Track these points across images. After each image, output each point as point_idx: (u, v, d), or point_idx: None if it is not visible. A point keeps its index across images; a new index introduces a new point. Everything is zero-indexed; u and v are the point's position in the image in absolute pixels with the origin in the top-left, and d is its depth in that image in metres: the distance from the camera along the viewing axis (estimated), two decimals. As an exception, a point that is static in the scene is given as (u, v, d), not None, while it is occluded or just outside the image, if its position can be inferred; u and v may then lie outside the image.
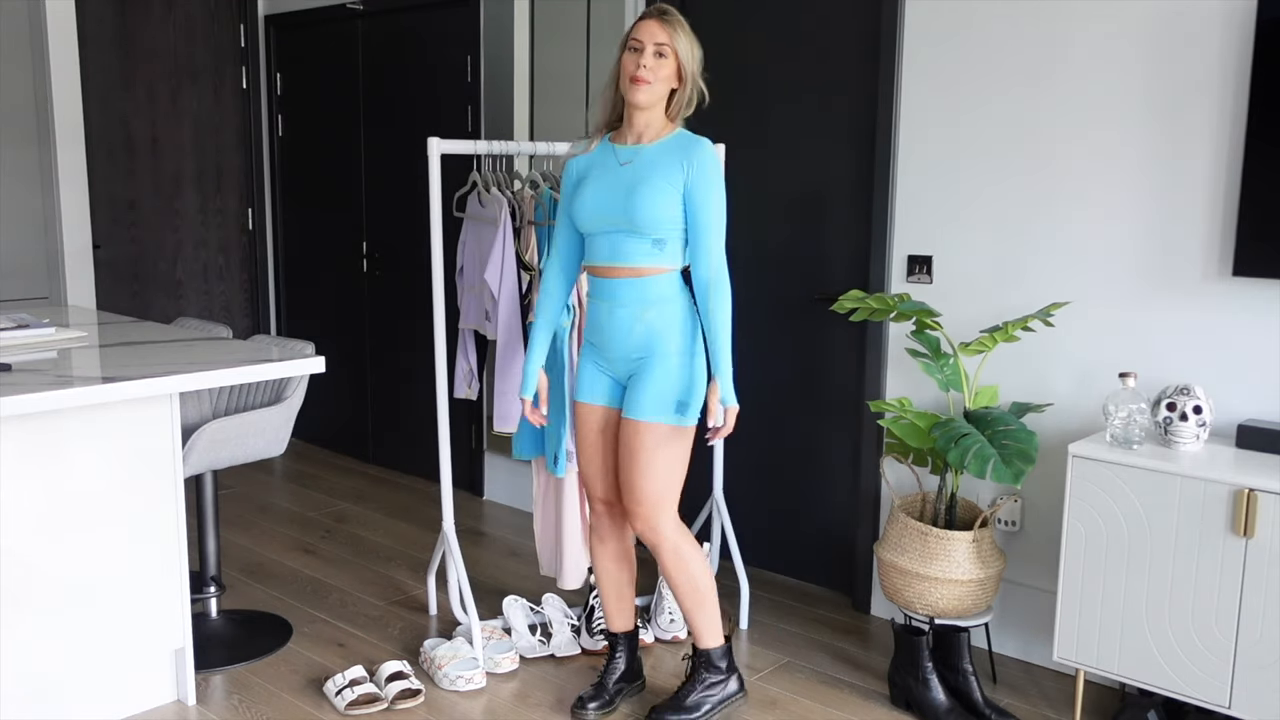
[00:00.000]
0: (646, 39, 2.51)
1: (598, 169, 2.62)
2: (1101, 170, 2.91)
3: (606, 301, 2.62)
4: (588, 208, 2.59)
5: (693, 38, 2.57)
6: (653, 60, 2.50)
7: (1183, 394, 2.63)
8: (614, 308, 2.60)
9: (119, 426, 2.64)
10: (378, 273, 5.14)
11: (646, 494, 2.60)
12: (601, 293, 2.63)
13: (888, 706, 2.91)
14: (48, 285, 4.86)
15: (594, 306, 2.66)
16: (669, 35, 2.51)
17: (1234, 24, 2.66)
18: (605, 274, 2.61)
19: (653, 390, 2.57)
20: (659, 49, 2.50)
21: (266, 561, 3.94)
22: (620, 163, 2.59)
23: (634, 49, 2.52)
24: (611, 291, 2.60)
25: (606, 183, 2.58)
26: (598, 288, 2.64)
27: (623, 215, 2.54)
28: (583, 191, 2.60)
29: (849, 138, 3.46)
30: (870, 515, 3.48)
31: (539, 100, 4.39)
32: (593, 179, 2.61)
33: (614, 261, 2.58)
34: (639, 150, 2.58)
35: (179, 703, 2.87)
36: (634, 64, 2.51)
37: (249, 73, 5.48)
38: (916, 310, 2.95)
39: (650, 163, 2.55)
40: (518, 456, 3.31)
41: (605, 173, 2.59)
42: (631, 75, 2.50)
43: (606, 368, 2.68)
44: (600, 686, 2.84)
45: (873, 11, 3.33)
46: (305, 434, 5.50)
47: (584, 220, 2.60)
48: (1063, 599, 2.70)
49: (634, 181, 2.54)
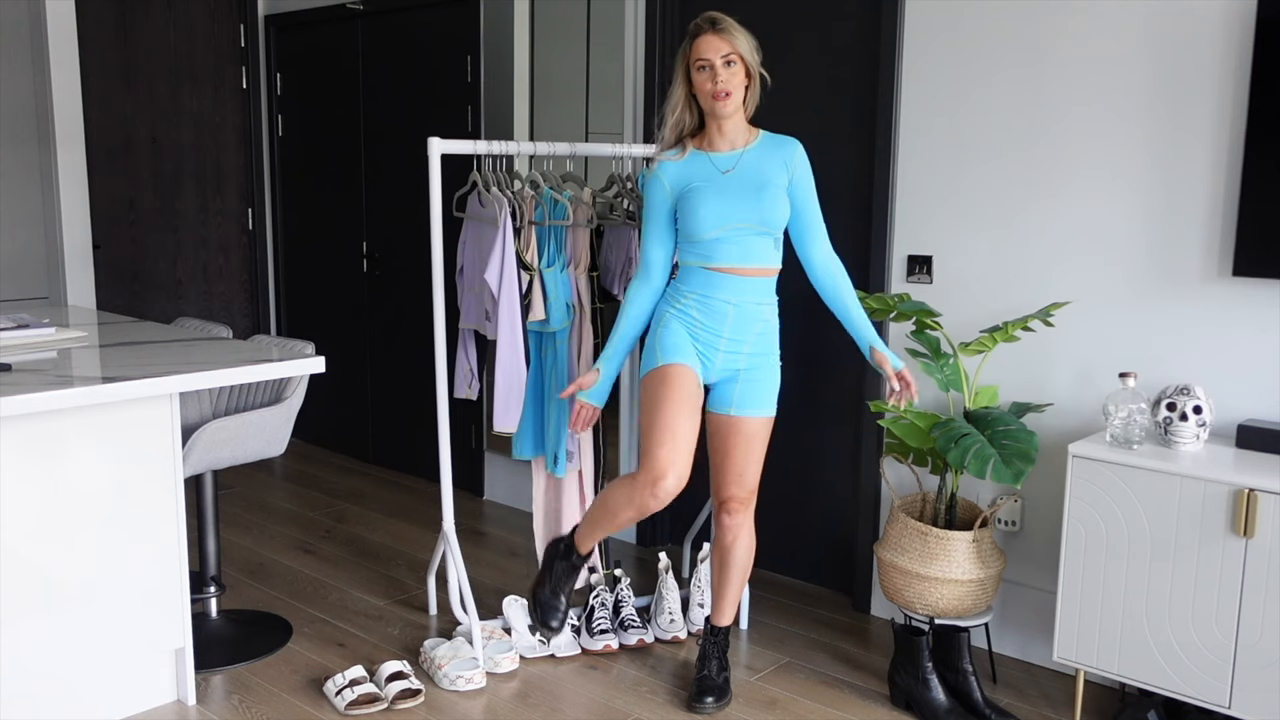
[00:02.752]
0: (712, 54, 2.58)
1: (701, 179, 2.67)
2: (1102, 169, 2.91)
3: (730, 298, 2.68)
4: (711, 216, 2.62)
5: (747, 34, 2.64)
6: (725, 72, 2.58)
7: (1183, 394, 2.63)
8: (741, 304, 2.68)
9: (119, 426, 2.64)
10: (378, 273, 5.14)
11: (753, 483, 2.81)
12: (723, 289, 2.67)
13: (888, 706, 2.91)
14: (48, 285, 4.86)
15: (706, 301, 2.69)
16: (730, 43, 2.58)
17: (1234, 24, 2.66)
18: (735, 273, 2.67)
19: (770, 385, 2.76)
20: (727, 59, 2.58)
21: (266, 561, 3.94)
22: (722, 171, 2.66)
23: (701, 68, 2.59)
24: (738, 289, 2.67)
25: (721, 189, 2.64)
26: (718, 284, 2.67)
27: (755, 218, 2.63)
28: (695, 202, 2.64)
29: (849, 138, 3.46)
30: (870, 515, 3.48)
31: (539, 100, 4.39)
32: (702, 189, 2.65)
33: (746, 263, 2.66)
34: (740, 156, 2.67)
35: (179, 703, 2.87)
36: (710, 81, 2.59)
37: (249, 73, 5.48)
38: (916, 310, 2.95)
39: (758, 166, 2.67)
40: (518, 456, 3.32)
41: (712, 181, 2.66)
42: (713, 94, 2.59)
43: (706, 357, 2.72)
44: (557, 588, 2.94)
45: (873, 11, 3.33)
46: (305, 434, 5.50)
47: (705, 228, 2.63)
48: (1063, 599, 2.70)
49: (756, 184, 2.64)
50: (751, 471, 2.80)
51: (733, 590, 2.93)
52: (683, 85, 2.66)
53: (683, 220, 2.68)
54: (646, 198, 2.75)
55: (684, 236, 2.70)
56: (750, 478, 2.81)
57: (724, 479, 2.82)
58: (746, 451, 2.77)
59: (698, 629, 3.33)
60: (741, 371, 2.74)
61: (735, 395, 2.75)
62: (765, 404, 2.76)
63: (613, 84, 4.04)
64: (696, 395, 2.71)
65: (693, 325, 2.71)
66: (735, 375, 2.74)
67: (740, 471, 2.79)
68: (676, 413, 2.64)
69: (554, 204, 3.15)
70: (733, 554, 2.89)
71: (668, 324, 2.73)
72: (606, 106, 4.08)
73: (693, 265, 2.71)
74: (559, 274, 3.16)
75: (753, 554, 2.92)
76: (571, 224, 3.15)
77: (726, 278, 2.67)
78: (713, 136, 2.70)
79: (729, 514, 2.84)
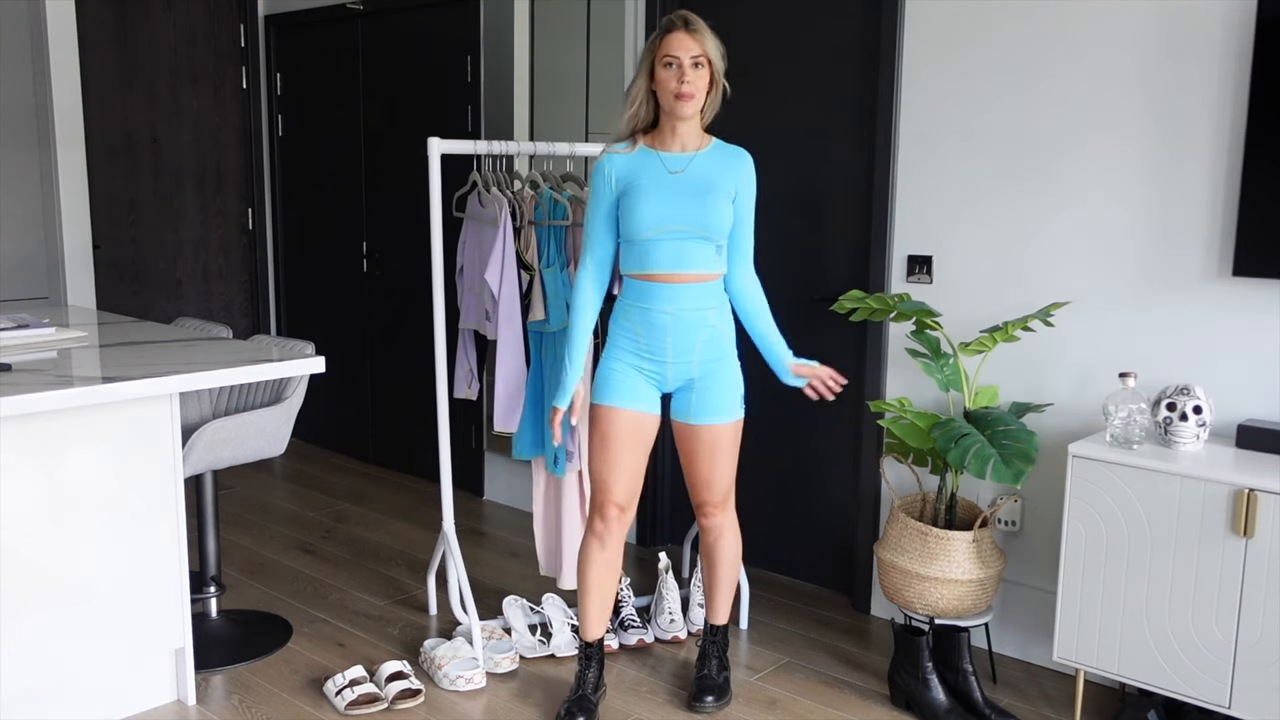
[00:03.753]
0: (681, 53, 2.53)
1: (646, 177, 2.61)
2: (1102, 170, 2.91)
3: (667, 308, 2.62)
4: (650, 215, 2.58)
5: (717, 40, 2.59)
6: (692, 73, 2.54)
7: (1183, 394, 2.63)
8: (679, 313, 2.63)
9: (119, 426, 2.64)
10: (378, 273, 5.14)
11: (726, 486, 2.80)
12: (658, 299, 2.63)
13: (888, 706, 2.91)
14: (48, 285, 4.86)
15: (645, 314, 2.65)
16: (700, 45, 2.54)
17: (1234, 24, 2.66)
18: (667, 280, 2.62)
19: (727, 391, 2.72)
20: (695, 60, 2.54)
21: (266, 561, 3.94)
22: (670, 171, 2.62)
23: (668, 64, 2.54)
24: (673, 297, 2.62)
25: (666, 190, 2.59)
26: (654, 295, 2.63)
27: (696, 222, 2.58)
28: (637, 200, 2.59)
29: (849, 138, 3.46)
30: (870, 515, 3.48)
31: (539, 100, 4.39)
32: (645, 187, 2.60)
33: (679, 269, 2.61)
34: (690, 159, 2.63)
35: (179, 703, 2.87)
36: (675, 80, 2.54)
37: (249, 73, 5.48)
38: (916, 310, 2.95)
39: (707, 171, 2.63)
40: (518, 456, 3.32)
41: (658, 180, 2.61)
42: (676, 92, 2.54)
43: (654, 373, 2.69)
44: (583, 702, 2.78)
45: (873, 11, 3.33)
46: (305, 434, 5.50)
47: (644, 227, 2.58)
48: (1063, 599, 2.70)
49: (701, 188, 2.60)
50: (720, 476, 2.77)
51: (723, 588, 2.93)
52: (645, 79, 2.59)
53: (623, 218, 2.62)
54: (591, 187, 2.69)
55: (623, 236, 2.64)
56: (719, 482, 2.78)
57: (693, 485, 2.81)
58: (711, 458, 2.74)
59: (698, 629, 3.33)
60: (696, 380, 2.70)
61: (692, 404, 2.71)
62: (723, 410, 2.71)
63: (613, 84, 4.04)
64: (639, 428, 2.69)
65: (636, 344, 2.67)
66: (690, 384, 2.71)
67: (707, 478, 2.77)
68: (616, 463, 2.69)
69: (554, 204, 3.15)
70: (716, 554, 2.88)
71: (611, 351, 2.71)
72: (606, 106, 4.08)
73: (631, 277, 2.67)
74: (559, 274, 3.15)
75: (739, 552, 2.91)
76: (571, 224, 3.15)
77: (661, 287, 2.62)
78: (665, 136, 2.64)
79: (706, 517, 2.83)
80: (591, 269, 2.70)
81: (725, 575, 2.91)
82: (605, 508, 2.72)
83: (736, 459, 2.80)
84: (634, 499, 2.74)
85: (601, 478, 2.71)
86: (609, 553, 2.76)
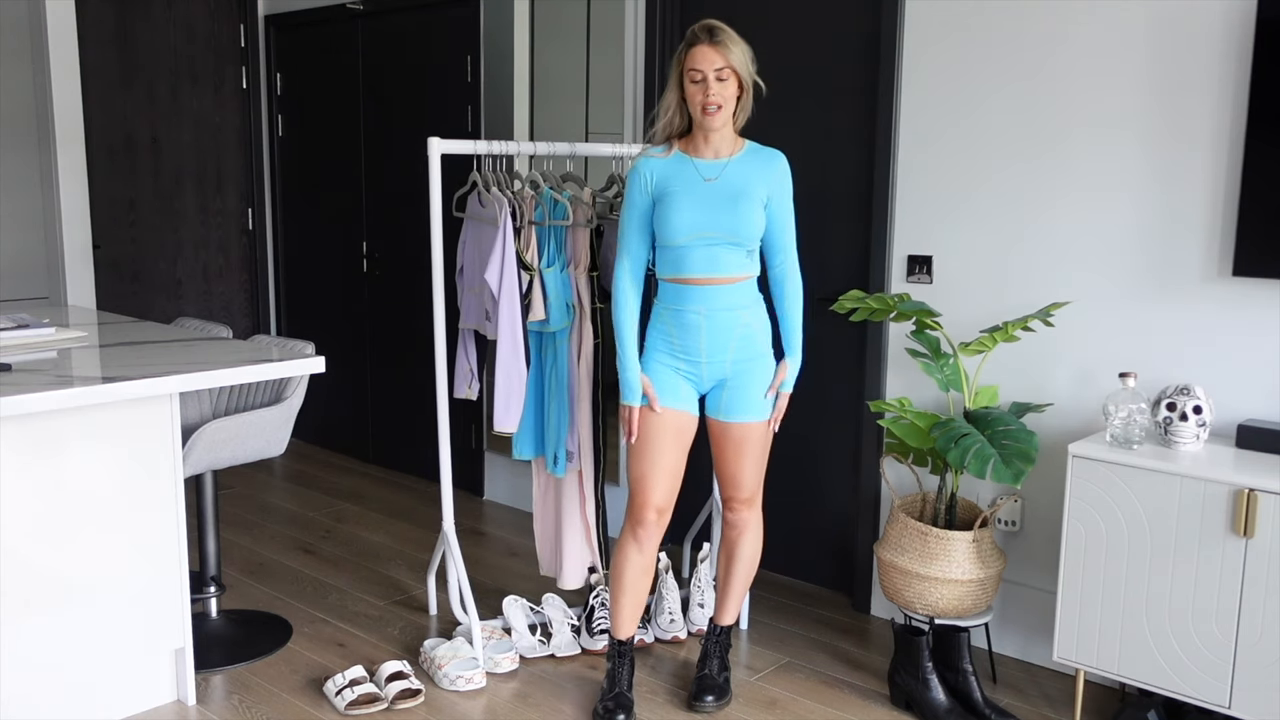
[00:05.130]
0: (705, 67, 2.55)
1: (679, 183, 2.65)
2: (1101, 170, 2.91)
3: (702, 309, 2.67)
4: (684, 222, 2.61)
5: (743, 44, 2.60)
6: (717, 86, 2.56)
7: (1183, 394, 2.63)
8: (713, 314, 2.67)
9: (119, 426, 2.64)
10: (378, 273, 5.14)
11: (754, 484, 2.82)
12: (692, 301, 2.67)
13: (888, 706, 2.91)
14: (48, 285, 4.86)
15: (679, 316, 2.69)
16: (724, 56, 2.55)
17: (1234, 24, 2.66)
18: (703, 283, 2.66)
19: (759, 389, 2.74)
20: (719, 74, 2.56)
21: (266, 561, 3.94)
22: (705, 178, 2.65)
23: (694, 80, 2.57)
24: (706, 298, 2.66)
25: (698, 196, 2.63)
26: (687, 297, 2.67)
27: (727, 228, 2.61)
28: (670, 206, 2.63)
29: (849, 138, 3.46)
30: (870, 515, 3.48)
31: (539, 100, 4.39)
32: (679, 193, 2.63)
33: (712, 273, 2.65)
34: (724, 165, 2.66)
35: (179, 703, 2.87)
36: (701, 94, 2.57)
37: (249, 73, 5.48)
38: (916, 310, 2.95)
39: (740, 177, 2.65)
40: (518, 456, 3.32)
41: (692, 186, 2.64)
42: (703, 106, 2.57)
43: (690, 373, 2.72)
44: (621, 699, 2.81)
45: (873, 11, 3.33)
46: (305, 434, 5.50)
47: (677, 234, 2.62)
48: (1063, 599, 2.70)
49: (733, 195, 2.62)
50: (747, 474, 2.80)
51: (737, 588, 2.94)
52: (675, 91, 2.64)
53: (658, 224, 2.67)
54: (627, 189, 2.72)
55: (658, 240, 2.69)
56: (747, 480, 2.81)
57: (722, 480, 2.84)
58: (740, 455, 2.77)
59: (698, 629, 3.33)
60: (729, 379, 2.73)
61: (724, 401, 2.75)
62: (754, 408, 2.74)
63: (613, 84, 4.04)
64: (681, 429, 2.73)
65: (670, 344, 2.72)
66: (723, 382, 2.74)
67: (734, 475, 2.80)
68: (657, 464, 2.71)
69: (554, 204, 3.15)
70: (736, 551, 2.89)
71: (649, 353, 2.75)
72: (606, 106, 4.08)
73: (665, 280, 2.71)
74: (559, 274, 3.16)
75: (758, 554, 2.92)
76: (571, 224, 3.15)
77: (694, 289, 2.66)
78: (699, 143, 2.68)
79: (731, 512, 2.86)
80: (629, 269, 2.74)
81: (741, 573, 2.92)
82: (644, 510, 2.73)
83: (766, 459, 2.82)
84: (672, 502, 2.76)
85: (641, 480, 2.73)
86: (645, 557, 2.78)
